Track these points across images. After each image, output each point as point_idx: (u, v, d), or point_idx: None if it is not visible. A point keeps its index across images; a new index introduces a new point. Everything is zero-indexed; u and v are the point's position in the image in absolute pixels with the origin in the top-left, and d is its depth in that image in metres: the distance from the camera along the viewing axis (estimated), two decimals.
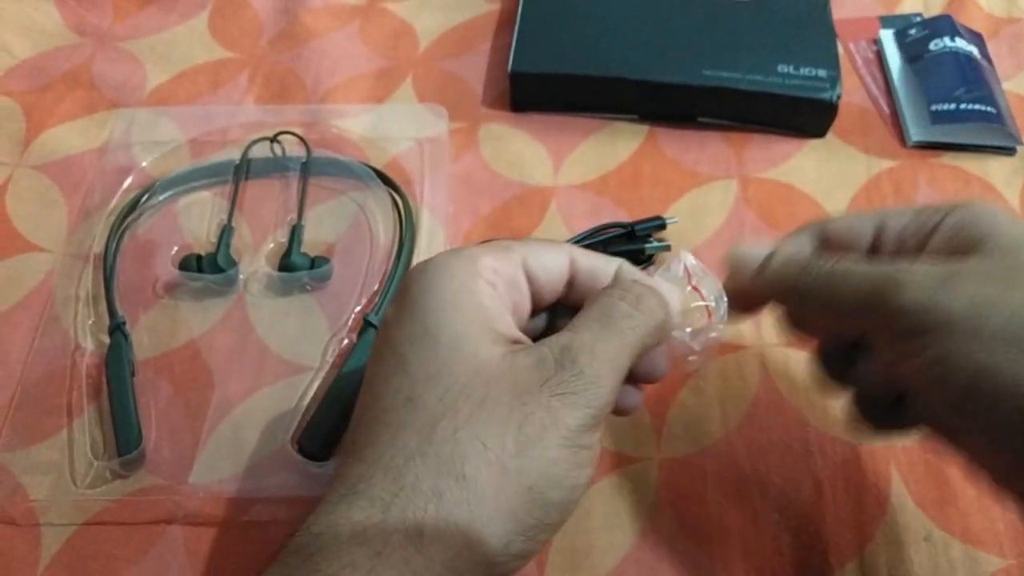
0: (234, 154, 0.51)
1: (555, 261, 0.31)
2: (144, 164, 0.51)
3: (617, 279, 0.32)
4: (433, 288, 0.28)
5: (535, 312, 0.32)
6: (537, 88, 0.52)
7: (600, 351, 0.28)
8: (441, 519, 0.25)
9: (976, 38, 0.54)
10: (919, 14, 0.57)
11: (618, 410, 0.31)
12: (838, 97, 0.49)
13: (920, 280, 0.27)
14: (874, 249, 0.32)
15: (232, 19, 0.60)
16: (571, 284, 0.32)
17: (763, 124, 0.51)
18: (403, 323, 0.28)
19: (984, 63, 0.52)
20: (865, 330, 0.29)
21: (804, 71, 0.50)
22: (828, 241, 0.33)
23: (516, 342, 0.29)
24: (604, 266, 0.32)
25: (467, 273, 0.29)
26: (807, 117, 0.50)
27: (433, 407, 0.26)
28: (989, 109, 0.49)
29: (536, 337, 0.30)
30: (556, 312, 0.33)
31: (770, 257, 0.33)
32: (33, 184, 0.51)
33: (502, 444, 0.26)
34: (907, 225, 0.31)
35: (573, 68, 0.51)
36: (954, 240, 0.29)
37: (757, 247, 0.33)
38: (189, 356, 0.44)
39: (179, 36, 0.60)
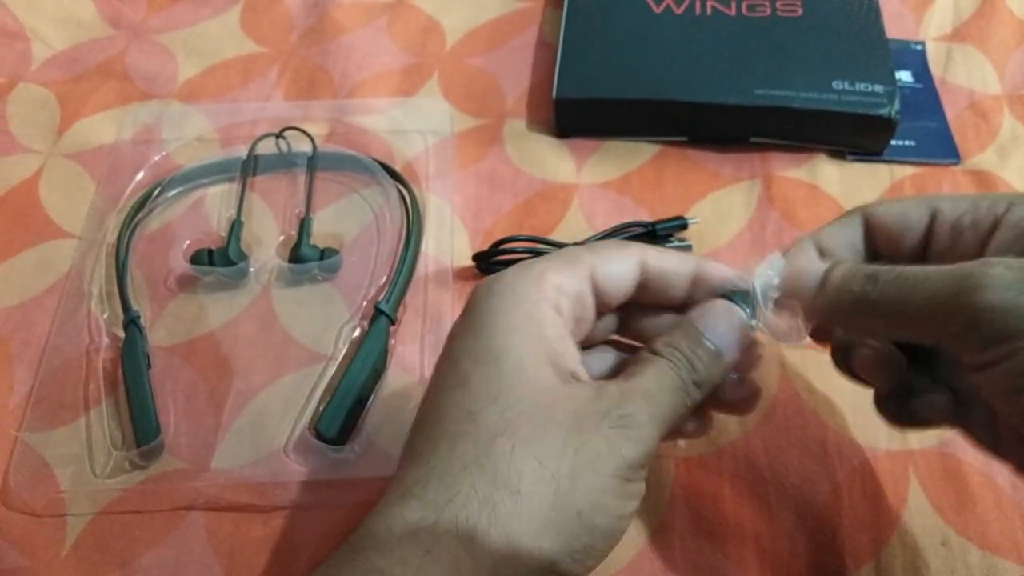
0: (244, 150, 0.51)
1: (623, 267, 0.32)
2: (156, 158, 0.52)
3: (683, 327, 0.31)
4: (499, 310, 0.29)
5: (602, 314, 0.33)
6: (583, 114, 0.52)
7: (657, 402, 0.29)
8: (493, 528, 0.26)
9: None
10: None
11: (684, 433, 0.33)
12: (897, 113, 0.48)
13: (1002, 280, 0.24)
14: (926, 241, 0.30)
15: (264, 14, 0.61)
16: (643, 286, 0.32)
17: (818, 142, 0.50)
18: (466, 340, 0.29)
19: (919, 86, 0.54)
20: (939, 339, 0.27)
21: (860, 87, 0.48)
22: (876, 231, 0.31)
23: (574, 376, 0.30)
24: (678, 267, 0.32)
25: (533, 297, 0.29)
26: (865, 134, 0.49)
27: (493, 423, 0.27)
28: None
29: (602, 337, 0.33)
30: (630, 312, 0.34)
31: (830, 271, 0.29)
32: (66, 172, 0.52)
33: (558, 465, 0.26)
34: (963, 215, 0.29)
35: (620, 92, 0.50)
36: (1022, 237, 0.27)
37: (809, 259, 0.31)
38: (207, 347, 0.44)
39: (211, 30, 0.61)
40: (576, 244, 0.32)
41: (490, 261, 0.46)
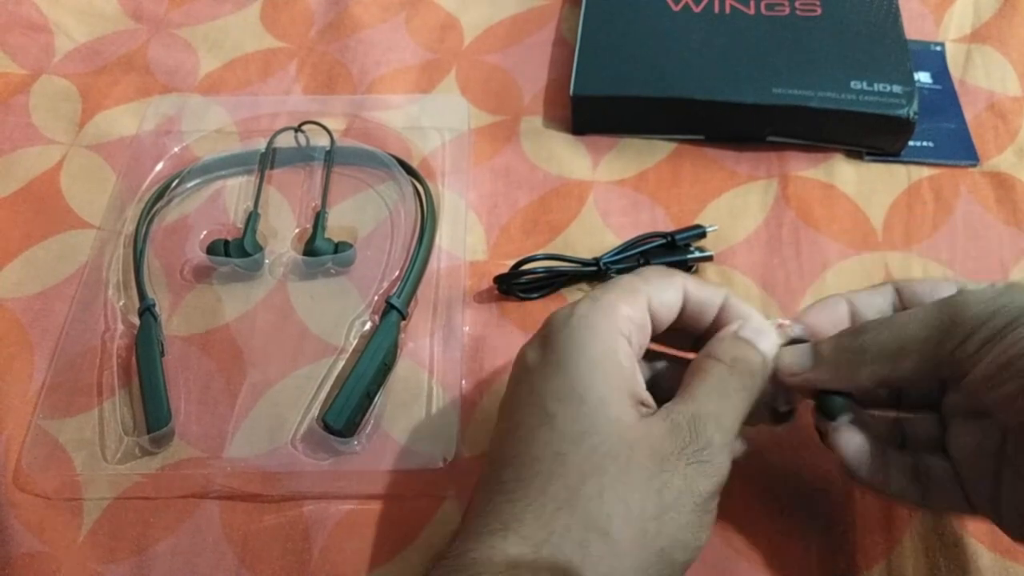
0: (262, 143, 0.52)
1: (673, 296, 0.34)
2: (176, 149, 0.53)
3: (723, 339, 0.33)
4: (579, 345, 0.31)
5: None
6: (600, 111, 0.52)
7: (723, 422, 0.30)
8: (586, 568, 0.27)
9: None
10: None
11: None
12: (915, 114, 0.47)
13: (978, 295, 0.28)
14: None
15: (284, 9, 0.62)
16: (681, 313, 0.34)
17: (836, 142, 0.50)
18: (548, 376, 0.31)
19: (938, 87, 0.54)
20: (929, 359, 0.29)
21: (878, 87, 0.48)
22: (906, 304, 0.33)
23: (643, 403, 0.31)
24: (712, 297, 0.34)
25: (609, 331, 0.31)
26: (882, 135, 0.49)
27: (581, 464, 0.29)
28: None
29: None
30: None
31: (816, 344, 0.32)
32: (87, 163, 0.53)
33: (643, 507, 0.28)
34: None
35: (637, 90, 0.50)
36: None
37: (838, 314, 0.33)
38: (223, 338, 0.45)
39: (232, 24, 0.61)
40: (629, 274, 0.34)
41: (511, 283, 0.45)
